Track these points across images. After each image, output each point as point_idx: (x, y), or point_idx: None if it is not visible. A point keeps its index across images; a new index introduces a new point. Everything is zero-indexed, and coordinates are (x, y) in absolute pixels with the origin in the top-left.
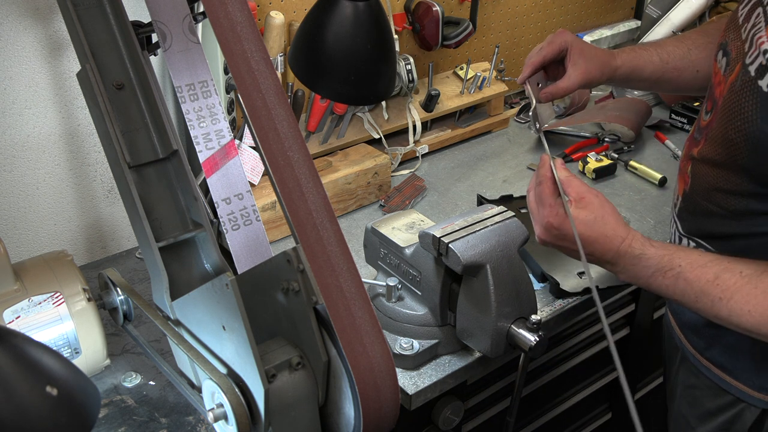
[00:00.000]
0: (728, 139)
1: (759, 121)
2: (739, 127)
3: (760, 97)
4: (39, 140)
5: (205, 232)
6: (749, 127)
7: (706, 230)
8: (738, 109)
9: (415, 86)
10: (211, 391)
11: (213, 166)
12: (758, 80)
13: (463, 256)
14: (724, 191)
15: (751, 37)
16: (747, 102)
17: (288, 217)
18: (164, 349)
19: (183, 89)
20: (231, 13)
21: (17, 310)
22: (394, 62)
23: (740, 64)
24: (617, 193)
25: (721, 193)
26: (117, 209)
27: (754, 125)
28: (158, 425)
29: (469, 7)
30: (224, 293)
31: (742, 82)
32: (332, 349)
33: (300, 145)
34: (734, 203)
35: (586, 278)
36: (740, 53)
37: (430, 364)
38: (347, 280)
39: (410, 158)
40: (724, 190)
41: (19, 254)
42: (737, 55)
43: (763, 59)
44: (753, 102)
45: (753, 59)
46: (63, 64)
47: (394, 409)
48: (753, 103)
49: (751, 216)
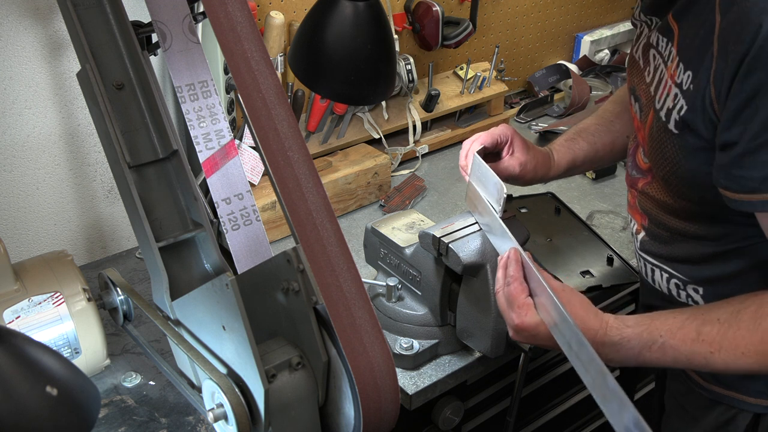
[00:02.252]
0: (666, 180)
1: (684, 163)
2: (670, 171)
3: (674, 139)
4: (39, 140)
5: (205, 232)
6: (678, 169)
7: (676, 256)
8: (662, 154)
9: (415, 86)
10: (211, 391)
11: (213, 166)
12: (667, 125)
13: (463, 256)
14: (679, 219)
15: (656, 83)
16: (668, 146)
17: (288, 217)
18: (164, 349)
19: (183, 89)
20: (231, 13)
21: (17, 310)
22: (394, 62)
23: (652, 111)
24: (617, 193)
25: (678, 221)
26: (117, 209)
27: (681, 167)
28: (158, 425)
29: (469, 7)
30: (224, 293)
31: (657, 128)
32: (332, 349)
33: (300, 145)
34: (693, 229)
35: (589, 277)
36: (649, 99)
37: (430, 364)
38: (347, 280)
39: (410, 158)
40: (679, 217)
41: (19, 254)
42: (647, 101)
43: (670, 103)
44: (671, 145)
45: (661, 105)
46: (63, 64)
47: (394, 409)
48: (672, 146)
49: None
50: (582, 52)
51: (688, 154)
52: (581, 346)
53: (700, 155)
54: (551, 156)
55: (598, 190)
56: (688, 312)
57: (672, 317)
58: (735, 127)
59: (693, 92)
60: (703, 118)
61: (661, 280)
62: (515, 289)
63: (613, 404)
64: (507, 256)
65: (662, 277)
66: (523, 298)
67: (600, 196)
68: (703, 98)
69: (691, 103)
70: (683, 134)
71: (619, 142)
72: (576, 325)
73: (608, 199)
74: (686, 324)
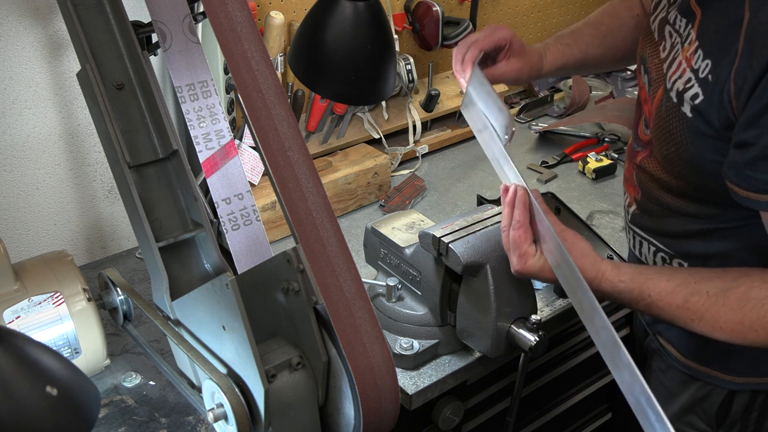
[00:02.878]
0: (668, 159)
1: (690, 147)
2: (674, 151)
3: (685, 122)
4: (39, 140)
5: (205, 232)
6: (683, 152)
7: (664, 230)
8: (669, 134)
9: (415, 86)
10: (211, 391)
11: (213, 166)
12: (680, 107)
13: (463, 256)
14: (673, 195)
15: (670, 60)
16: (675, 128)
17: (288, 217)
18: (164, 349)
19: (183, 89)
20: (231, 13)
21: (17, 310)
22: (394, 62)
23: (662, 88)
24: (617, 193)
25: (671, 197)
26: (117, 209)
27: (687, 150)
28: (158, 425)
29: (469, 7)
30: (224, 293)
31: (666, 108)
32: (332, 349)
33: (300, 145)
34: (685, 206)
35: None
36: (660, 76)
37: (430, 364)
38: (347, 280)
39: (410, 158)
40: (673, 194)
41: (19, 254)
42: (658, 76)
43: (681, 86)
44: (680, 128)
45: (672, 85)
46: (63, 64)
47: (394, 409)
48: (680, 128)
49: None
50: None
51: (696, 138)
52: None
53: (708, 142)
54: (543, 57)
55: (598, 190)
56: (681, 278)
57: (665, 280)
58: (753, 129)
59: (711, 84)
60: (718, 111)
61: (648, 252)
62: (520, 236)
63: (624, 374)
64: (514, 194)
65: (649, 250)
66: (527, 247)
67: (600, 196)
68: (722, 92)
69: (709, 95)
70: (695, 120)
71: (607, 58)
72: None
73: (608, 199)
74: (676, 290)
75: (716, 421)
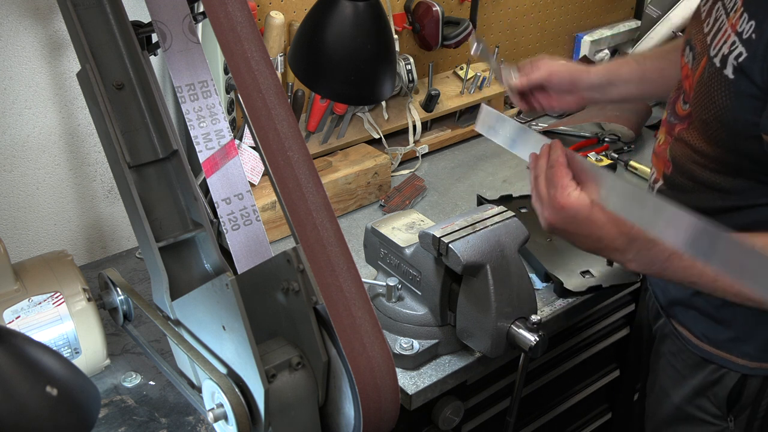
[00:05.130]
0: (706, 124)
1: (731, 108)
2: (714, 115)
3: (727, 84)
4: (39, 140)
5: (205, 232)
6: (723, 114)
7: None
8: (710, 98)
9: (415, 86)
10: (211, 391)
11: (213, 166)
12: (723, 70)
13: (463, 256)
14: (707, 169)
15: (714, 32)
16: (717, 91)
17: (288, 217)
18: (164, 349)
19: (183, 89)
20: (231, 13)
21: (17, 310)
22: (394, 62)
23: (706, 57)
24: None
25: (705, 171)
26: (117, 209)
27: (728, 112)
28: (158, 425)
29: (469, 7)
30: (224, 293)
31: (709, 73)
32: (332, 349)
33: (300, 145)
34: (718, 180)
35: (589, 277)
36: (704, 47)
37: (430, 364)
38: (347, 280)
39: (410, 158)
40: (707, 167)
41: (19, 254)
42: (702, 49)
43: (726, 50)
44: (722, 90)
45: (717, 51)
46: (63, 64)
47: (394, 409)
48: (722, 91)
49: (738, 192)
50: (582, 52)
51: (737, 99)
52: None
53: (749, 102)
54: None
55: None
56: None
57: None
58: None
59: (755, 40)
60: (762, 66)
61: None
62: (560, 171)
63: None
64: (549, 145)
65: None
66: (568, 180)
67: None
68: (766, 48)
69: (752, 51)
70: (738, 80)
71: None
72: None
73: None
74: None
75: (727, 405)
